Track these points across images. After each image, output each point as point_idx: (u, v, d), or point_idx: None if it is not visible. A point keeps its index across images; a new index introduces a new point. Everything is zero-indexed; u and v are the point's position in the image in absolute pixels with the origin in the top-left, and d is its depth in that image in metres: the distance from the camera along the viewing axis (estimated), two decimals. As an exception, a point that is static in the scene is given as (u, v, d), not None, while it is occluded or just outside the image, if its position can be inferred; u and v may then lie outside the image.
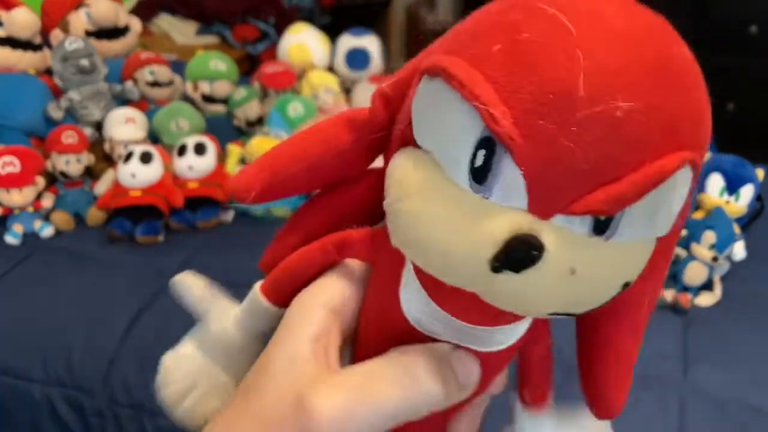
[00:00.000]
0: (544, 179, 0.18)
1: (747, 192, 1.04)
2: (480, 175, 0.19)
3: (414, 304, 0.24)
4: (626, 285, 0.21)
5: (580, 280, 0.19)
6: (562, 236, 0.19)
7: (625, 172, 0.18)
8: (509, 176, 0.18)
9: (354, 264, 0.27)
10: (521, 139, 0.18)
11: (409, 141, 0.22)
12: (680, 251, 0.99)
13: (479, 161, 0.19)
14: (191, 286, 0.31)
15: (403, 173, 0.21)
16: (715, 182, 1.04)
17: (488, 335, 0.24)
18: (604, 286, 0.20)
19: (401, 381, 0.24)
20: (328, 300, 0.26)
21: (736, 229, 0.99)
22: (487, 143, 0.18)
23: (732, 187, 1.03)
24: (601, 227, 0.19)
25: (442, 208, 0.19)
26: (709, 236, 0.95)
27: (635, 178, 0.18)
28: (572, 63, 0.17)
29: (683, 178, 0.19)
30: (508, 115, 0.18)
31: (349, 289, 0.26)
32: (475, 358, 0.25)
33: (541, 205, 0.18)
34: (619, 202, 0.18)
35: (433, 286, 0.23)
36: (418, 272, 0.23)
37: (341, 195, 0.27)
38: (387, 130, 0.24)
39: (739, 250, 1.02)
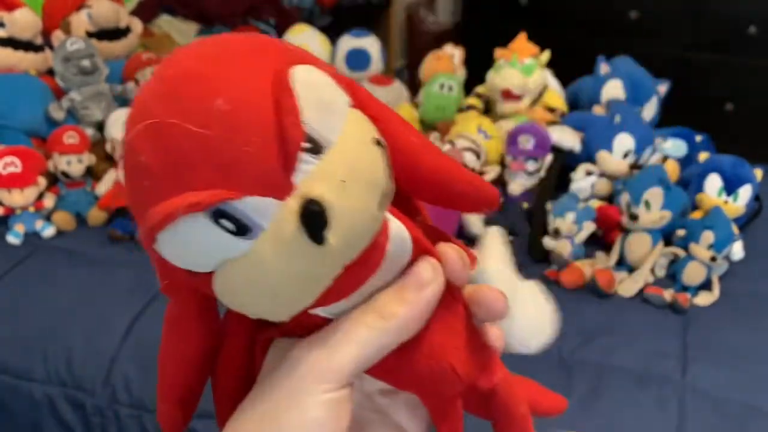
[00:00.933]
0: (256, 177, 0.21)
1: (745, 192, 1.04)
2: (242, 230, 0.21)
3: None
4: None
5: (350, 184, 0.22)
6: (311, 175, 0.22)
7: (270, 125, 0.21)
8: (246, 208, 0.21)
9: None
10: (224, 187, 0.21)
11: (201, 279, 0.23)
12: (679, 251, 0.99)
13: (231, 226, 0.21)
14: None
15: (226, 290, 0.23)
16: (714, 182, 1.04)
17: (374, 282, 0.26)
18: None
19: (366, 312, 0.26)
20: None
21: (735, 229, 0.99)
22: (215, 215, 0.21)
23: (730, 187, 1.03)
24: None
25: (263, 265, 0.22)
26: (708, 236, 0.95)
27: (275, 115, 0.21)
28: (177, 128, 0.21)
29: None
30: (188, 195, 0.21)
31: None
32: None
33: (278, 189, 0.21)
34: (290, 129, 0.21)
35: (325, 299, 0.25)
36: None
37: (229, 359, 0.29)
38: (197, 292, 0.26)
39: (737, 250, 1.02)
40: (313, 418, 0.24)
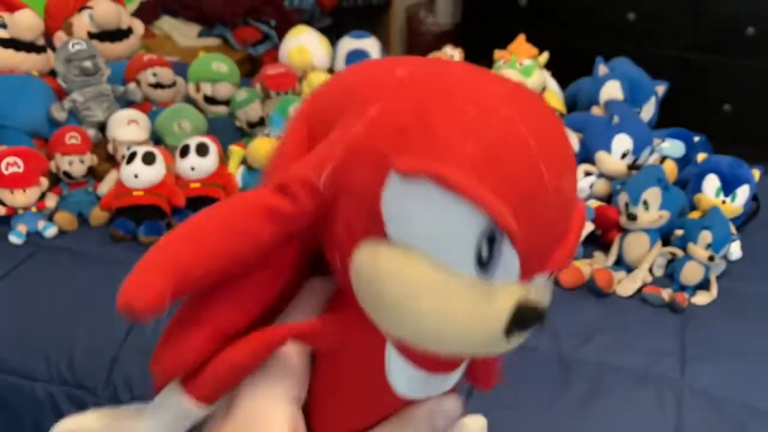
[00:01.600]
0: (532, 254, 0.22)
1: (743, 192, 1.04)
2: (485, 264, 0.21)
3: (401, 375, 0.26)
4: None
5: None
6: (539, 290, 0.23)
7: (567, 231, 0.24)
8: (508, 258, 0.22)
9: (290, 349, 0.26)
10: (518, 227, 0.21)
11: (370, 235, 0.22)
12: (677, 251, 0.99)
13: (486, 252, 0.21)
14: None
15: (395, 270, 0.21)
16: (712, 183, 1.04)
17: (454, 375, 0.28)
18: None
19: None
20: (289, 389, 0.26)
21: (732, 229, 1.00)
22: (490, 235, 0.21)
23: (728, 187, 1.04)
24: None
25: (456, 303, 0.21)
26: (706, 236, 0.96)
27: (574, 233, 0.24)
28: (532, 157, 0.22)
29: None
30: (507, 210, 0.21)
31: (303, 374, 0.26)
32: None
33: (529, 273, 0.23)
34: (571, 256, 0.24)
35: (420, 359, 0.25)
36: (403, 349, 0.25)
37: (253, 284, 0.25)
38: (313, 219, 0.23)
39: (735, 250, 1.03)
40: None
